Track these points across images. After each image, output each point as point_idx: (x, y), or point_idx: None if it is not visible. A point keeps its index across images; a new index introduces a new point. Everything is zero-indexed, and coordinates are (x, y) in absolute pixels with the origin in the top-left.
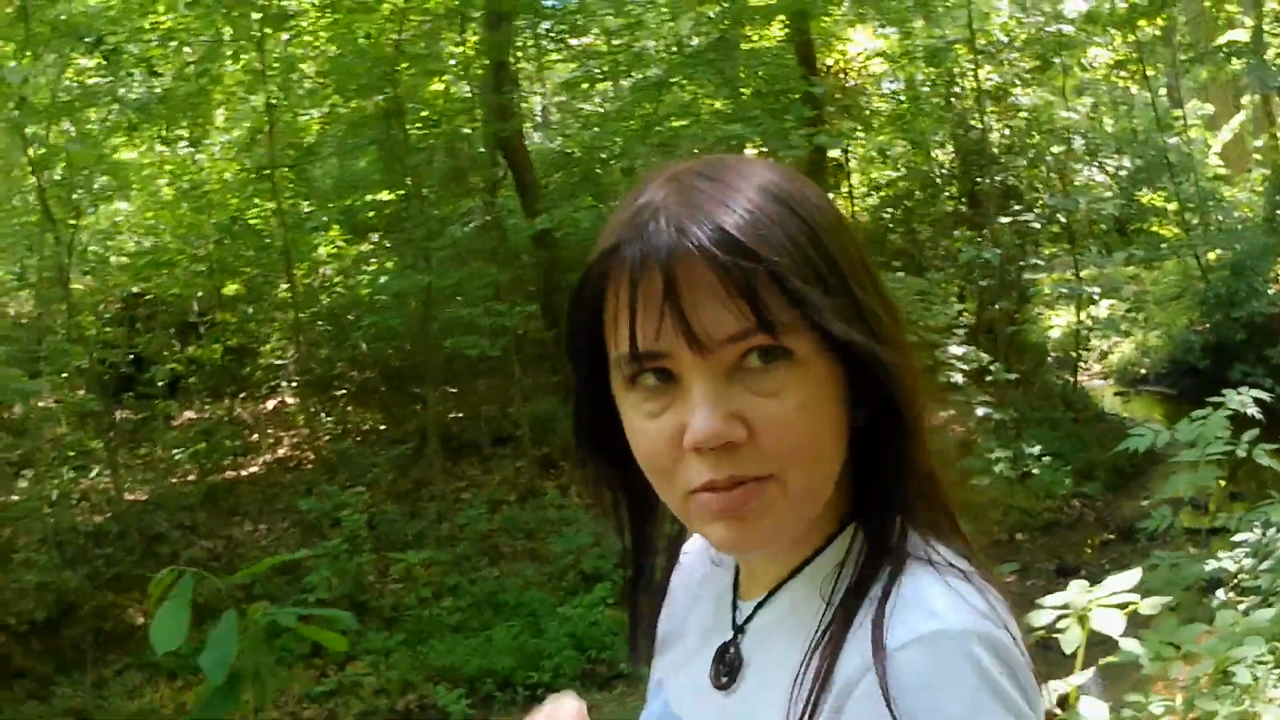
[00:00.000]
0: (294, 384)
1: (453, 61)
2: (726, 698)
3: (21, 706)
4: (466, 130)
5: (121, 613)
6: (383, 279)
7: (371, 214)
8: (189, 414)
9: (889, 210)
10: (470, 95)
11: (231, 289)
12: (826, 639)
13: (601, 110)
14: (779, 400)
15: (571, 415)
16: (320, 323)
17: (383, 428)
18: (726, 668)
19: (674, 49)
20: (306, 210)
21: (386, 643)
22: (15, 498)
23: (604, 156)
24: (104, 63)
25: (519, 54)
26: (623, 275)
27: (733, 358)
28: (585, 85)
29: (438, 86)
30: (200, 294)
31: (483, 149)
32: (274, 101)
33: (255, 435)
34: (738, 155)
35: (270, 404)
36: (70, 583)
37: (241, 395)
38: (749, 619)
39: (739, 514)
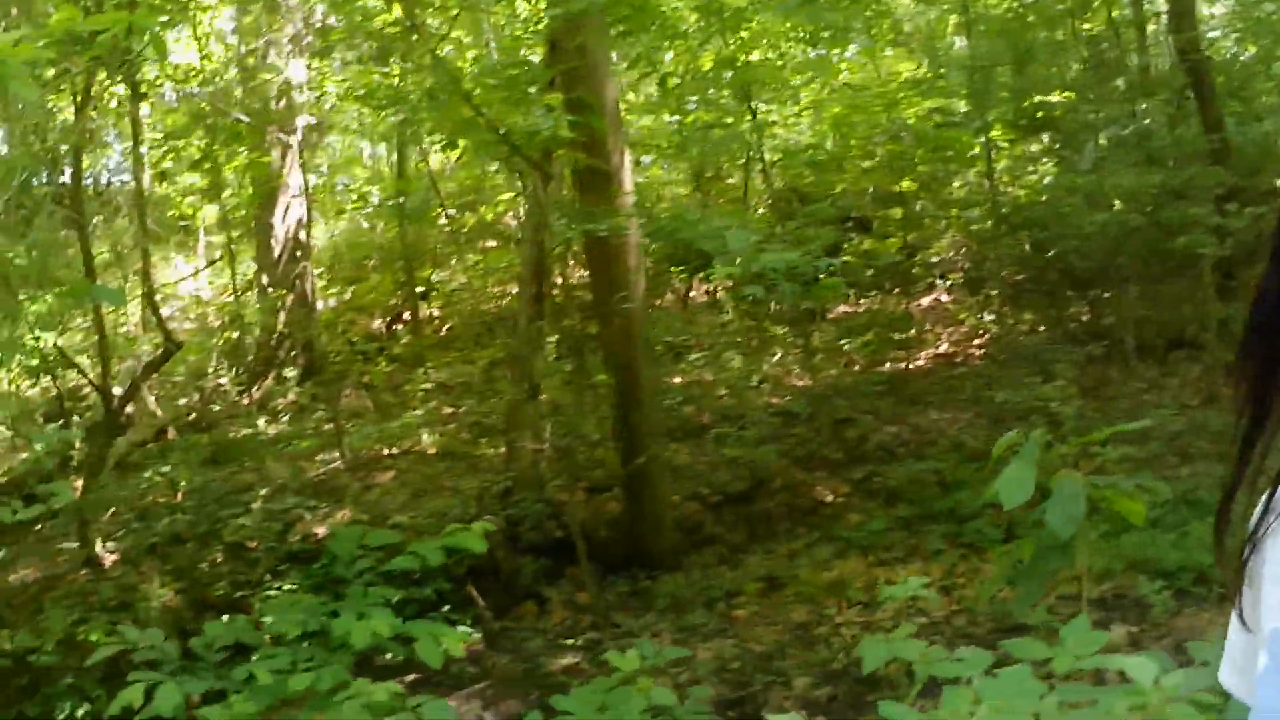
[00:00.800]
0: (952, 282)
1: None
2: None
3: (713, 570)
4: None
5: (810, 489)
6: (1069, 181)
7: (1040, 114)
8: (844, 307)
9: None
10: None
11: (903, 186)
12: None
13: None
14: None
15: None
16: (1003, 225)
17: (1041, 328)
18: None
19: None
20: (963, 111)
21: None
22: (678, 380)
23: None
24: None
25: None
26: None
27: None
28: None
29: None
30: (871, 189)
31: (1137, 55)
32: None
33: (916, 330)
34: None
35: (925, 300)
36: (764, 458)
37: (896, 290)
38: None
39: None
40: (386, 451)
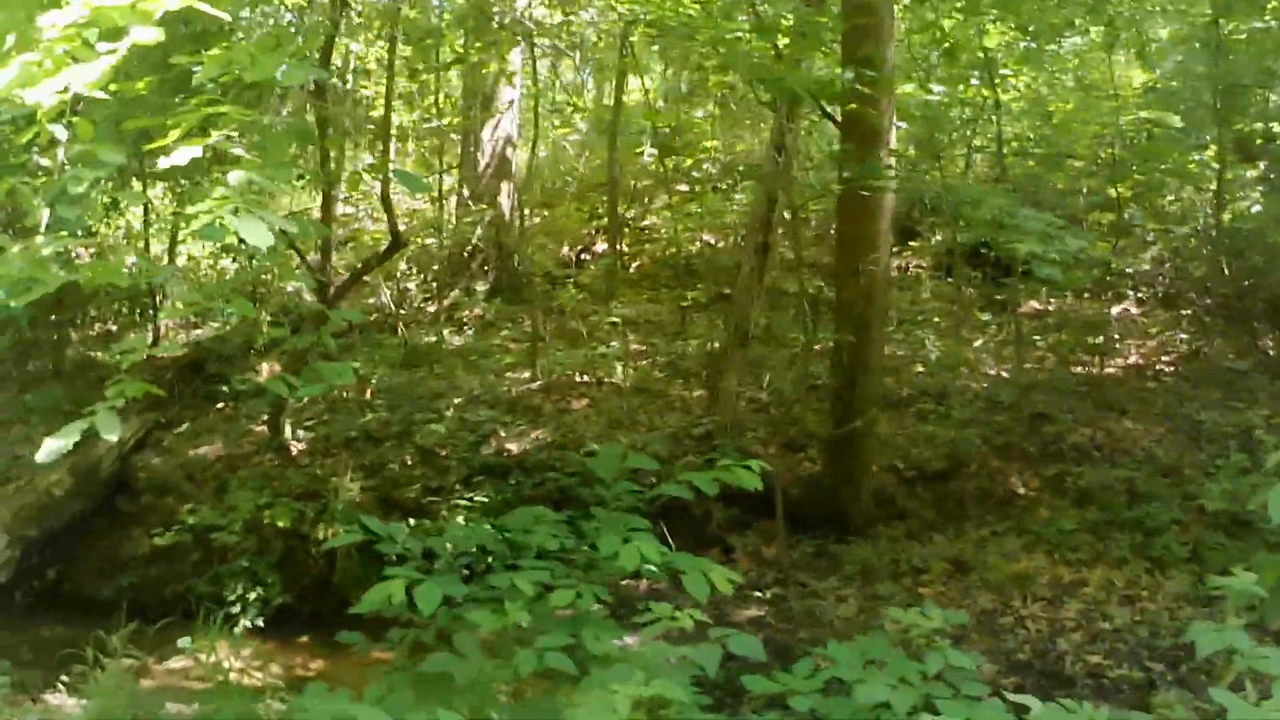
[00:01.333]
0: (1146, 294)
1: None
2: None
3: (902, 544)
4: None
5: (1006, 479)
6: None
7: (1260, 141)
8: (1033, 304)
9: None
10: None
11: (1118, 192)
12: None
13: None
14: None
15: None
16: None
17: (1232, 354)
18: None
19: None
20: (1178, 126)
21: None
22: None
23: None
24: None
25: None
26: None
27: None
28: None
29: None
30: (1084, 190)
31: None
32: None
33: (1106, 338)
34: None
35: (1114, 309)
36: (965, 440)
37: (1086, 295)
38: None
39: None
40: (578, 378)
